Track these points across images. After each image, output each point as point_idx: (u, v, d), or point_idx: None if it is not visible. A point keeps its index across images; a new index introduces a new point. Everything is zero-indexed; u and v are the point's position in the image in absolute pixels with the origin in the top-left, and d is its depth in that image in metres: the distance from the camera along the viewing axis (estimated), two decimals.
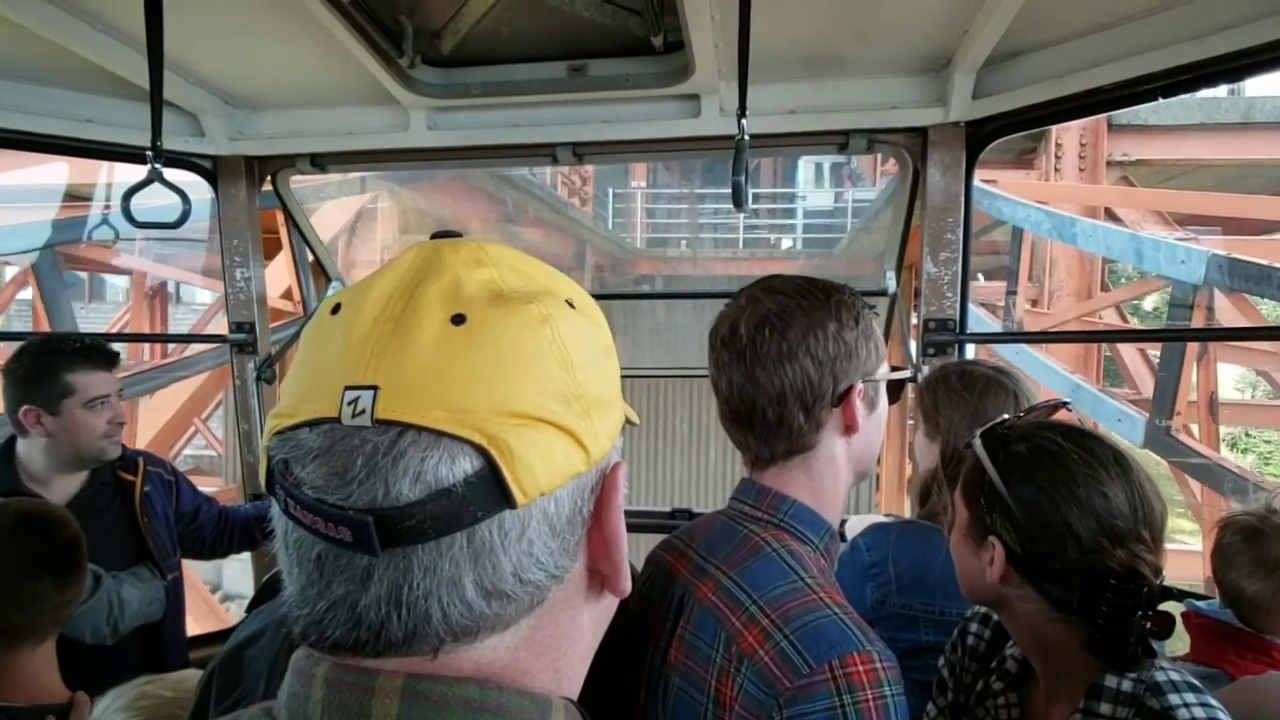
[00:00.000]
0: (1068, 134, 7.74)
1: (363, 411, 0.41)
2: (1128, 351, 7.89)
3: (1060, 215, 6.75)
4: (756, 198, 15.24)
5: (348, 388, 0.42)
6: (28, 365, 1.84)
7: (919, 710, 1.15)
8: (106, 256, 8.57)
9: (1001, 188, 7.54)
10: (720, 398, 0.97)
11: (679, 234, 15.32)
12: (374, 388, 0.42)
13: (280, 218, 2.72)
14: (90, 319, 12.13)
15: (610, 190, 15.13)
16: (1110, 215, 7.40)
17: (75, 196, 7.02)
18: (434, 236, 0.51)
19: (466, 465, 0.42)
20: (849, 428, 0.93)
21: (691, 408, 11.24)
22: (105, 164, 6.67)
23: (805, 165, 15.54)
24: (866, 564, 1.45)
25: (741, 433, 0.97)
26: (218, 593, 9.45)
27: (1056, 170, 7.81)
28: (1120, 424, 5.70)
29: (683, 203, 15.93)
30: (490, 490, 0.42)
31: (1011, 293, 8.05)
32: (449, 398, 0.42)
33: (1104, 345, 7.84)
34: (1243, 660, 1.33)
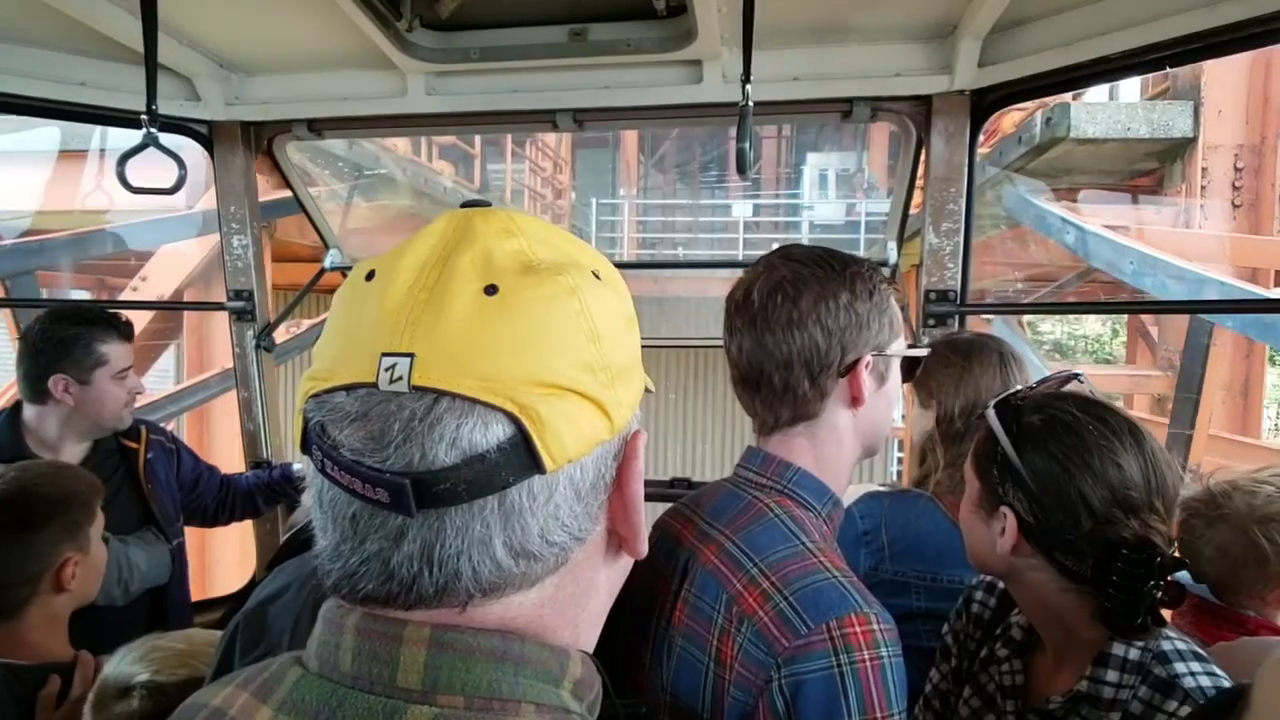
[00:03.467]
0: (1216, 154, 5.27)
1: (400, 378, 0.43)
2: None
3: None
4: (757, 210, 14.63)
5: (384, 354, 0.43)
6: (59, 334, 1.83)
7: (912, 675, 1.18)
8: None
9: (1138, 236, 5.06)
10: (731, 362, 0.98)
11: (672, 250, 14.41)
12: (410, 355, 0.43)
13: None
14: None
15: (594, 200, 14.14)
16: None
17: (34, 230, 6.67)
18: (464, 205, 0.51)
19: (499, 432, 0.43)
20: (855, 399, 0.94)
21: (690, 378, 11.27)
22: (82, 186, 6.48)
23: (809, 172, 14.77)
24: (860, 531, 1.47)
25: (749, 397, 0.98)
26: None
27: (1202, 207, 5.31)
28: None
29: (677, 214, 15.11)
30: (521, 456, 0.44)
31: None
32: (482, 366, 0.43)
33: None
34: (1219, 630, 1.36)
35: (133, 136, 1.40)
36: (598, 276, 0.50)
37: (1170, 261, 4.75)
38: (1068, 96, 5.89)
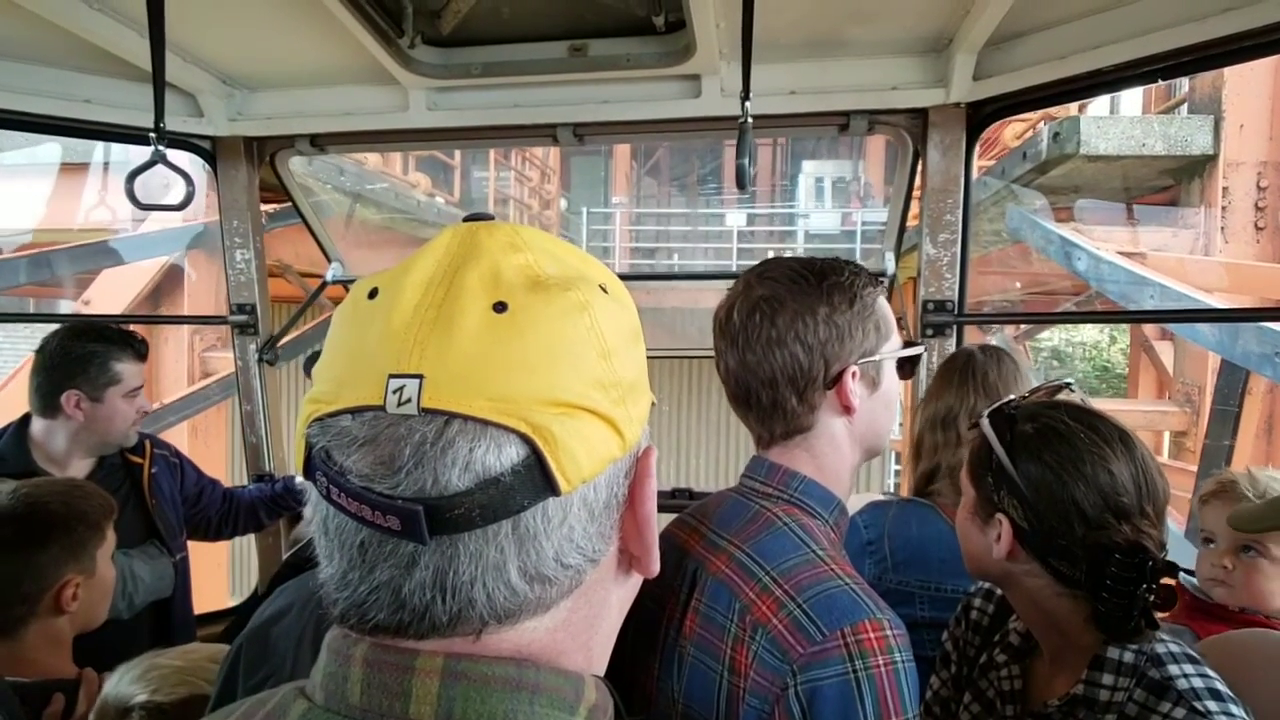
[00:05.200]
0: (1238, 172, 4.83)
1: (409, 400, 0.41)
2: None
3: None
4: (751, 219, 14.55)
5: (392, 376, 0.42)
6: (76, 350, 1.84)
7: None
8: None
9: (1154, 266, 4.54)
10: (722, 380, 1.00)
11: (665, 260, 14.08)
12: (419, 376, 0.41)
13: None
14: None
15: (585, 210, 13.84)
16: None
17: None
18: (467, 219, 0.50)
19: (513, 454, 0.42)
20: (846, 409, 0.95)
21: (684, 389, 11.26)
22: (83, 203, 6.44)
23: (805, 181, 14.64)
24: (864, 541, 1.47)
25: (743, 413, 1.00)
26: None
27: (1222, 229, 4.86)
28: None
29: (670, 223, 14.78)
30: (536, 479, 0.43)
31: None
32: (493, 387, 0.42)
33: None
34: (1210, 624, 1.38)
35: (131, 151, 1.41)
36: (605, 290, 0.49)
37: (1199, 299, 4.28)
38: (1073, 109, 5.65)
